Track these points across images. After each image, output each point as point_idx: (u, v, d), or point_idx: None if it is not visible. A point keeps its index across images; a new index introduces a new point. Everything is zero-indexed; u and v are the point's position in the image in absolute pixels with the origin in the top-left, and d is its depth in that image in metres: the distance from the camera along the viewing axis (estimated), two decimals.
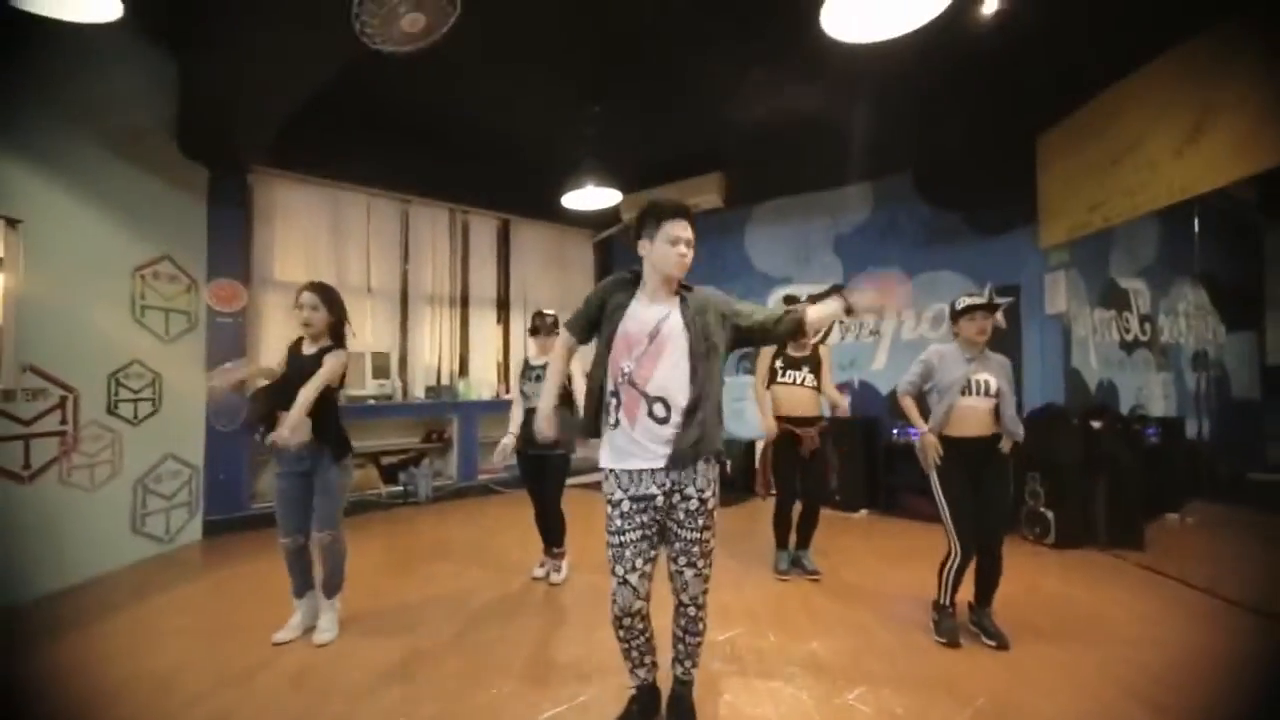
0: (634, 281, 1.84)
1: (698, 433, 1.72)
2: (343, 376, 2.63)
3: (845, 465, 4.75)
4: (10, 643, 2.54)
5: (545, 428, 1.96)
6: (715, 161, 5.37)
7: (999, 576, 2.54)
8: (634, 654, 1.87)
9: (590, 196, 4.94)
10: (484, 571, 3.45)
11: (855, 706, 2.06)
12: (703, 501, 1.76)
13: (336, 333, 2.62)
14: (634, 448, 1.74)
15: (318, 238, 5.23)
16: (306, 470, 2.55)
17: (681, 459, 1.71)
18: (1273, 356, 6.28)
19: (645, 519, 1.75)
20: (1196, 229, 4.19)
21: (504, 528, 4.35)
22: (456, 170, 5.62)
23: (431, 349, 5.87)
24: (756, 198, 5.86)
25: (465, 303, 6.17)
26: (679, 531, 1.76)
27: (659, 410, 1.72)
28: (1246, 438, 6.11)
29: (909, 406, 2.69)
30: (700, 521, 1.76)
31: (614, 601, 1.77)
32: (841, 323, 5.50)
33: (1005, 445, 2.55)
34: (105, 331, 3.52)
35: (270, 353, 4.96)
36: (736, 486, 5.39)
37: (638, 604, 1.76)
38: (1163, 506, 4.62)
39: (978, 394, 2.51)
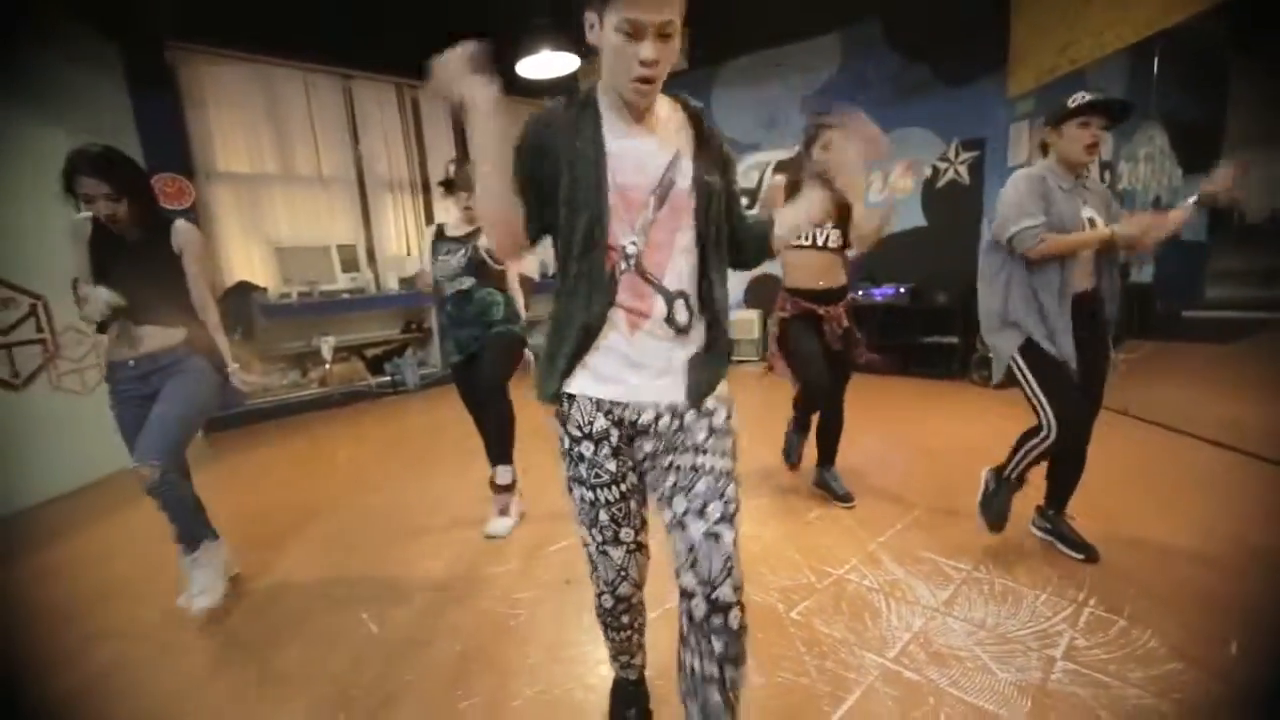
0: (584, 102, 1.04)
1: (724, 349, 1.10)
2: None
3: None
4: (50, 537, 2.76)
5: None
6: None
7: (1080, 475, 2.14)
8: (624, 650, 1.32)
9: (547, 63, 4.64)
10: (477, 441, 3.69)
11: (814, 522, 2.41)
12: (729, 415, 1.10)
13: (154, 212, 1.94)
14: (625, 371, 1.04)
15: (257, 123, 4.91)
16: (153, 391, 1.87)
17: (699, 389, 1.06)
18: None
19: (631, 466, 1.11)
20: (1156, 69, 4.15)
21: None
22: (397, 38, 5.16)
23: (398, 239, 5.77)
24: (723, 56, 5.55)
25: (426, 188, 5.97)
26: (698, 462, 1.04)
27: (680, 314, 1.04)
28: (1190, 278, 6.47)
29: (1064, 242, 1.81)
30: (727, 444, 1.07)
31: (599, 597, 1.19)
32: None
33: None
34: (56, 234, 3.39)
35: (231, 251, 4.84)
36: None
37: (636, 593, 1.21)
38: None
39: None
